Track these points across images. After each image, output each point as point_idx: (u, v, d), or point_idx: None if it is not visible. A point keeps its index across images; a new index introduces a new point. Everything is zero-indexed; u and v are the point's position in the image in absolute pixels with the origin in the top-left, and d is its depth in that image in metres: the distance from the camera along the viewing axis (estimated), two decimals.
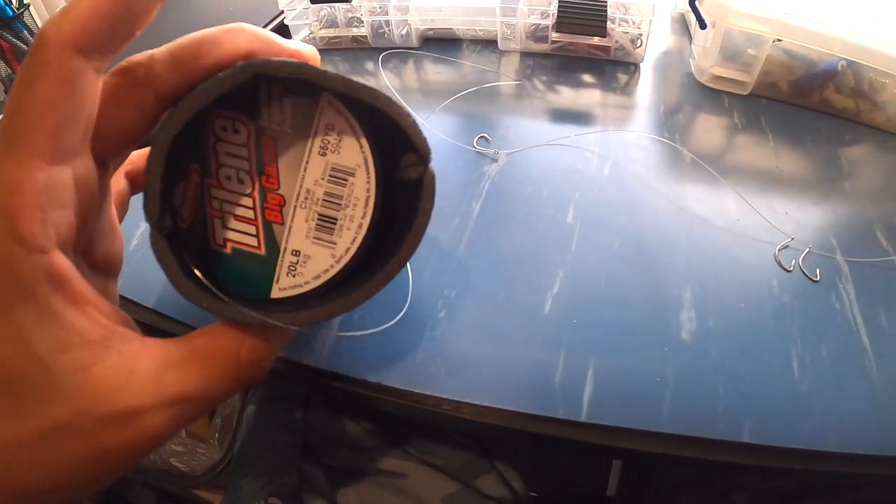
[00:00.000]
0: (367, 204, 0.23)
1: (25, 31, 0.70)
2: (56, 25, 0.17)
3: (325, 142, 0.23)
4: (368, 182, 0.23)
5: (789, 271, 0.37)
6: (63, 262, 0.18)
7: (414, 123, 0.22)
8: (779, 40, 0.49)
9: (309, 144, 0.23)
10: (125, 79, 0.20)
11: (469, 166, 0.46)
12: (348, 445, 0.43)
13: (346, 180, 0.23)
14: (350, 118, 0.22)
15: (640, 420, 0.30)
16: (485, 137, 0.49)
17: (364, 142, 0.23)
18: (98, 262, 0.23)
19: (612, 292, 0.36)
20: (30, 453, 0.19)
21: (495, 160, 0.46)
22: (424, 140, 0.22)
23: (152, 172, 0.20)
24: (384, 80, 0.58)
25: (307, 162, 0.23)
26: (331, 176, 0.23)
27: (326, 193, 0.23)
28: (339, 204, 0.23)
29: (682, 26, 0.66)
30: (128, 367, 0.19)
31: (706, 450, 0.29)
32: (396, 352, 0.34)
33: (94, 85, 0.19)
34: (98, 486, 0.21)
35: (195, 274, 0.22)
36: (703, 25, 0.53)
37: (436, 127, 0.51)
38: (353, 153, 0.23)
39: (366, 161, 0.23)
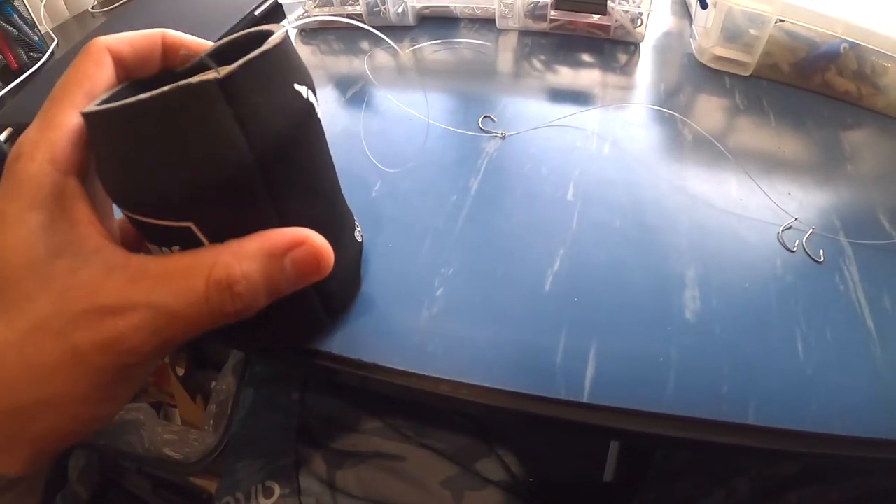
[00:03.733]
0: None
1: (16, 16, 0.69)
2: (102, 39, 0.25)
3: None
4: None
5: (793, 252, 0.36)
6: (78, 186, 0.23)
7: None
8: (781, 21, 0.48)
9: None
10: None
11: (466, 144, 0.46)
12: (346, 428, 0.42)
13: None
14: None
15: (643, 401, 0.29)
16: (490, 118, 0.48)
17: None
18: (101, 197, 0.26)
19: (613, 271, 0.36)
20: (11, 357, 0.21)
21: (495, 137, 0.46)
22: None
23: None
24: (379, 59, 0.57)
25: None
26: None
27: None
28: None
29: (683, 6, 0.66)
30: (107, 273, 0.22)
31: (710, 431, 0.29)
32: (393, 331, 0.33)
33: (112, 67, 0.25)
34: (77, 406, 0.23)
35: None
36: (704, 5, 0.52)
37: (433, 106, 0.50)
38: None
39: None
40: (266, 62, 0.23)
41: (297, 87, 0.25)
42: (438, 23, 0.61)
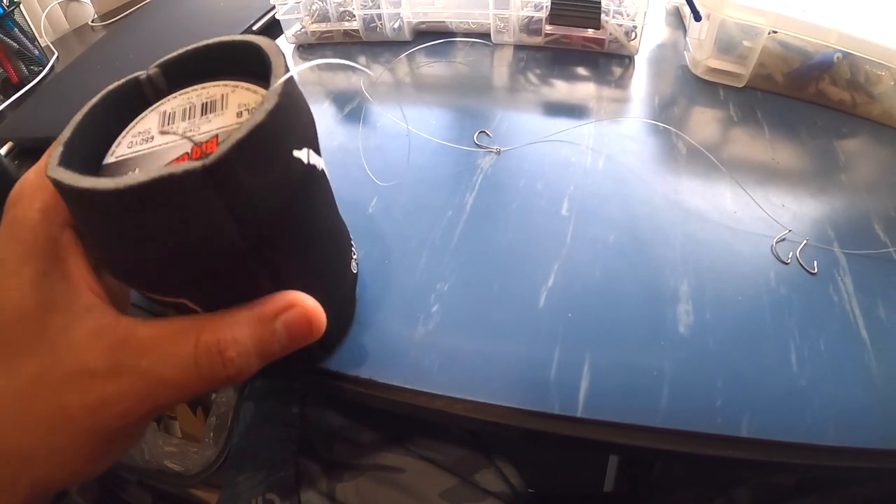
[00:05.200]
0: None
1: (16, 29, 0.69)
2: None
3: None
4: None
5: (787, 264, 0.37)
6: (72, 238, 0.23)
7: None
8: (774, 32, 0.49)
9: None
10: None
11: (462, 159, 0.46)
12: (346, 440, 0.43)
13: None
14: None
15: (637, 415, 0.30)
16: (485, 133, 0.48)
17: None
18: None
19: (607, 286, 0.36)
20: (12, 404, 0.21)
21: (490, 152, 0.46)
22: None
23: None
24: (376, 74, 0.58)
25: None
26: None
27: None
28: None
29: (677, 19, 0.66)
30: (96, 334, 0.22)
31: (704, 445, 0.29)
32: (389, 347, 0.33)
33: None
34: (66, 461, 0.22)
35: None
36: (697, 17, 0.53)
37: (429, 121, 0.50)
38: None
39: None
40: (261, 136, 0.19)
41: (296, 153, 0.22)
42: (434, 38, 0.62)
